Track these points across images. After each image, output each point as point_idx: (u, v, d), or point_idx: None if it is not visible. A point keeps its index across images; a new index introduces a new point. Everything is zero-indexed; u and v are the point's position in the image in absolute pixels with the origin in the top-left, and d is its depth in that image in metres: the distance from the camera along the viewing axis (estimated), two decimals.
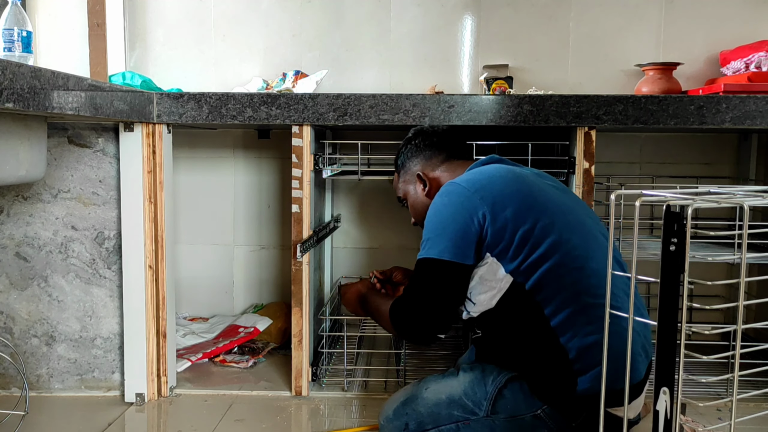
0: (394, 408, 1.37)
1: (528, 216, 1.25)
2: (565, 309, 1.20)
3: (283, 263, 2.27)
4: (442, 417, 1.30)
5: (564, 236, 1.25)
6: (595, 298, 1.21)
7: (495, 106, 1.63)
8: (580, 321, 1.20)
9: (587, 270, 1.23)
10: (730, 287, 2.16)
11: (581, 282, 1.22)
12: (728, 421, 0.83)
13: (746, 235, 0.79)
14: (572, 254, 1.23)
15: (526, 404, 1.24)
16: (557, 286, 1.22)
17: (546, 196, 1.31)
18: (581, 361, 1.19)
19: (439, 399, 1.32)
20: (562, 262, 1.23)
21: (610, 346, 1.06)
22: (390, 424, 1.36)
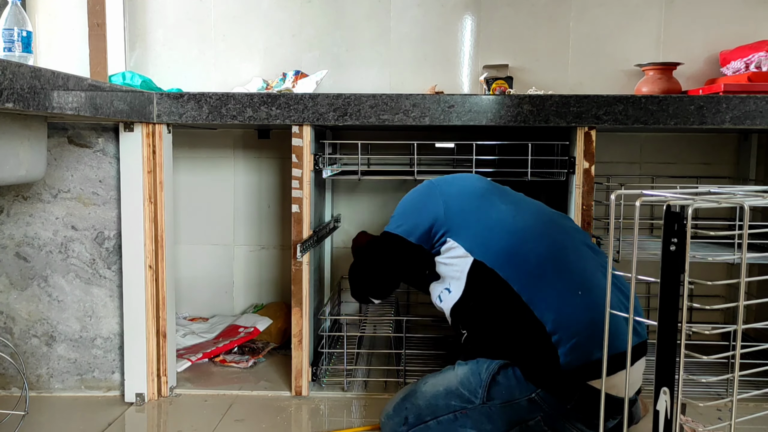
0: (394, 405, 1.41)
1: (481, 202, 1.41)
2: (532, 282, 1.27)
3: (283, 263, 2.27)
4: (440, 408, 1.34)
5: (519, 219, 1.38)
6: (561, 271, 1.28)
7: (495, 106, 1.63)
8: (551, 293, 1.26)
9: (549, 246, 1.32)
10: (730, 287, 2.16)
11: (543, 256, 1.30)
12: (728, 421, 0.83)
13: (746, 235, 0.79)
14: (529, 234, 1.35)
15: (519, 389, 1.27)
16: (518, 261, 1.30)
17: (504, 189, 1.49)
18: (559, 331, 1.23)
19: (437, 391, 1.36)
20: (521, 240, 1.33)
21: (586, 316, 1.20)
22: (390, 421, 1.40)
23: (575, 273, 1.29)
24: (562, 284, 1.27)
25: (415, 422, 1.36)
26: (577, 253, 1.33)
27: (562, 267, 1.29)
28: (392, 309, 2.05)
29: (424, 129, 1.91)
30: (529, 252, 1.31)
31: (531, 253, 1.31)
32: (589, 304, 1.24)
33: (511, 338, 1.29)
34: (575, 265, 1.30)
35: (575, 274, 1.29)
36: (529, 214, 1.40)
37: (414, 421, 1.36)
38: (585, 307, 1.24)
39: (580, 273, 1.29)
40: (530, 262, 1.29)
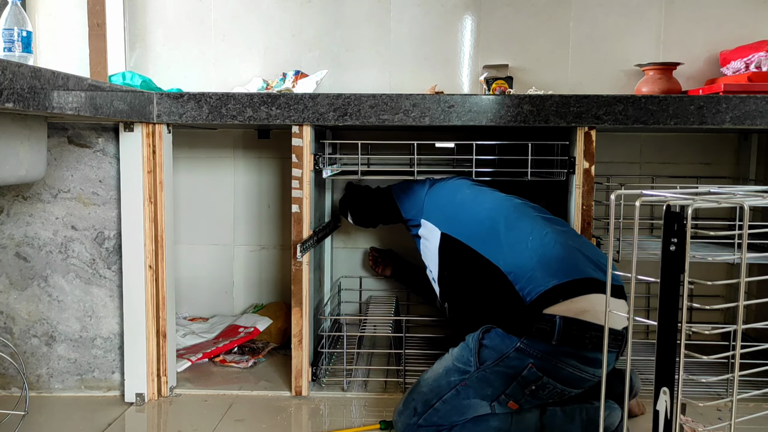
0: (403, 401, 1.46)
1: (451, 190, 1.68)
2: (488, 240, 1.47)
3: (283, 263, 2.27)
4: (442, 387, 1.40)
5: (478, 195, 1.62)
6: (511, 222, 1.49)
7: (495, 106, 1.63)
8: (504, 242, 1.45)
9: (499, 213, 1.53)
10: (730, 287, 2.17)
11: (496, 218, 1.52)
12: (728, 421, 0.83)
13: (746, 235, 0.79)
14: (485, 203, 1.58)
15: (504, 344, 1.35)
16: (475, 226, 1.53)
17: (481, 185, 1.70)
18: (515, 270, 1.39)
19: (437, 374, 1.43)
20: (477, 209, 1.57)
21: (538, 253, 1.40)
22: (401, 416, 1.43)
23: (525, 225, 1.48)
24: (513, 235, 1.46)
25: (423, 409, 1.40)
26: (528, 215, 1.52)
27: (512, 224, 1.49)
28: (392, 309, 2.05)
29: (424, 129, 1.91)
30: (484, 218, 1.53)
31: (485, 218, 1.53)
32: (539, 244, 1.42)
33: (480, 292, 1.46)
34: (525, 221, 1.50)
35: (525, 225, 1.48)
36: (490, 196, 1.62)
37: (422, 409, 1.40)
38: (534, 248, 1.41)
39: (530, 224, 1.48)
40: (484, 224, 1.52)
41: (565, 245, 1.41)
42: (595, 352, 1.30)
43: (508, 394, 1.36)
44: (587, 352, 1.30)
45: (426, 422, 1.38)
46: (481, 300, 1.47)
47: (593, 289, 1.33)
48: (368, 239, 2.27)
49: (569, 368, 1.31)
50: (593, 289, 1.33)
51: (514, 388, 1.35)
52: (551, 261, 1.37)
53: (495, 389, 1.36)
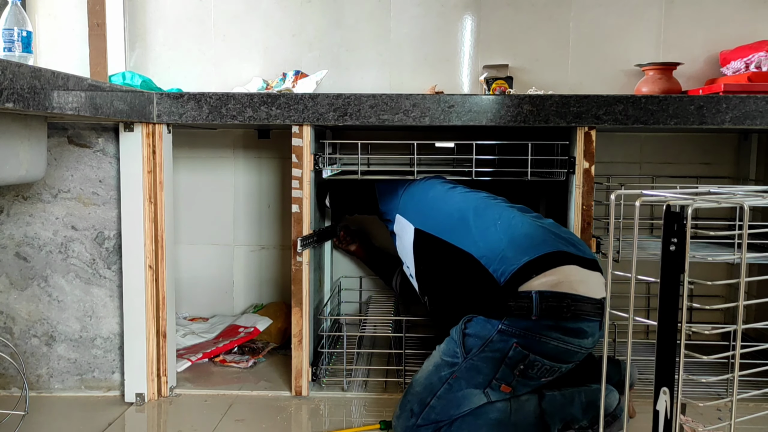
0: (400, 404, 1.46)
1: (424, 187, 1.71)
2: (454, 230, 1.51)
3: (283, 263, 2.27)
4: (434, 384, 1.41)
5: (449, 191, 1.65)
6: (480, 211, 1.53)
7: (495, 106, 1.63)
8: (470, 232, 1.48)
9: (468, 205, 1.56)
10: (730, 287, 2.16)
11: (464, 208, 1.56)
12: (728, 421, 0.83)
13: (746, 235, 0.79)
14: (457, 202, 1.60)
15: (486, 329, 1.36)
16: (444, 218, 1.56)
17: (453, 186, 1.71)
18: (486, 254, 1.42)
19: (428, 372, 1.44)
20: (447, 203, 1.61)
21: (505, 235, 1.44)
22: (399, 420, 1.44)
23: (493, 212, 1.52)
24: (482, 221, 1.50)
25: (420, 409, 1.40)
26: (496, 205, 1.56)
27: (481, 212, 1.53)
28: (392, 309, 2.05)
29: (424, 129, 1.91)
30: (454, 210, 1.57)
31: (455, 210, 1.57)
32: (506, 225, 1.46)
33: (456, 280, 1.48)
34: (493, 208, 1.54)
35: (493, 212, 1.52)
36: (460, 191, 1.65)
37: (419, 409, 1.40)
38: (503, 230, 1.45)
39: (497, 211, 1.53)
40: (454, 216, 1.55)
41: (532, 225, 1.46)
42: (576, 322, 1.32)
43: (498, 378, 1.37)
44: (567, 323, 1.32)
45: (424, 421, 1.39)
46: (458, 288, 1.50)
47: (564, 262, 1.37)
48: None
49: (553, 341, 1.33)
50: (564, 262, 1.37)
51: (504, 371, 1.36)
52: (520, 239, 1.41)
53: (485, 376, 1.37)
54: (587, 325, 1.34)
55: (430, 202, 1.66)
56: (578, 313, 1.32)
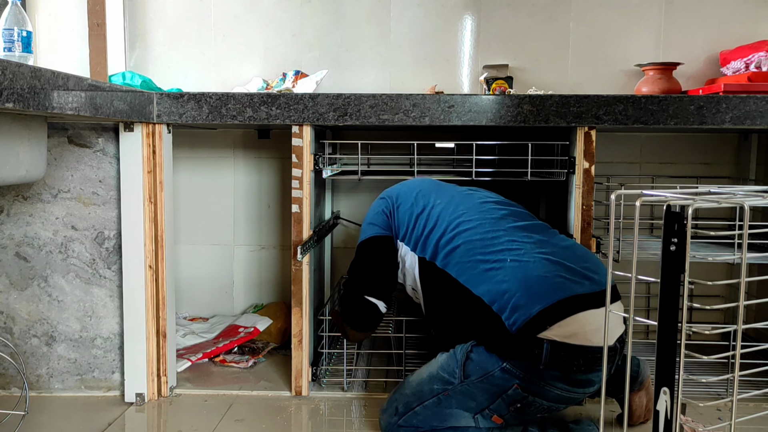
0: (388, 399, 1.48)
1: (419, 203, 1.54)
2: (465, 264, 1.39)
3: (283, 263, 2.27)
4: (424, 393, 1.40)
5: (451, 210, 1.49)
6: (490, 247, 1.40)
7: (495, 106, 1.63)
8: (482, 268, 1.37)
9: (478, 230, 1.43)
10: (730, 287, 2.16)
11: (472, 240, 1.42)
12: (728, 421, 0.83)
13: (746, 235, 0.79)
14: (459, 221, 1.46)
15: (490, 361, 1.33)
16: (451, 250, 1.42)
17: (446, 188, 1.59)
18: (497, 302, 1.32)
19: (421, 378, 1.43)
20: (450, 229, 1.45)
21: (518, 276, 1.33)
22: (384, 414, 1.46)
23: (501, 242, 1.40)
24: (491, 258, 1.38)
25: (404, 411, 1.41)
26: (507, 230, 1.44)
27: (488, 243, 1.41)
28: (392, 309, 2.05)
29: (424, 129, 1.91)
30: (459, 240, 1.43)
31: (460, 240, 1.43)
32: (517, 266, 1.35)
33: (465, 322, 1.40)
34: (501, 237, 1.42)
35: (501, 242, 1.40)
36: (463, 204, 1.52)
37: (403, 410, 1.42)
38: (513, 272, 1.34)
39: (506, 240, 1.41)
40: (460, 249, 1.42)
41: (543, 263, 1.34)
42: (586, 374, 1.27)
43: (492, 409, 1.35)
44: (577, 375, 1.27)
45: (406, 423, 1.40)
46: (466, 325, 1.40)
47: (580, 308, 1.28)
48: None
49: (557, 390, 1.29)
50: (580, 308, 1.28)
51: (499, 404, 1.34)
52: (532, 283, 1.30)
53: (478, 403, 1.35)
54: (596, 375, 1.30)
55: (424, 221, 1.51)
56: (590, 365, 1.27)
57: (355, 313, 1.58)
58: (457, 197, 1.54)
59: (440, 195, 1.56)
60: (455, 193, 1.57)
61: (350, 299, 1.59)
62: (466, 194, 1.56)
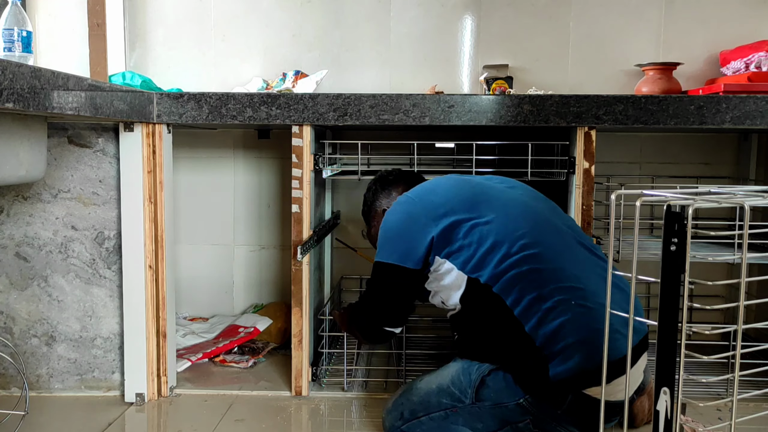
0: (393, 400, 1.45)
1: (470, 214, 1.35)
2: (525, 298, 1.25)
3: (283, 263, 2.27)
4: (432, 405, 1.37)
5: (509, 228, 1.32)
6: (552, 282, 1.25)
7: (495, 106, 1.63)
8: (543, 307, 1.24)
9: (540, 257, 1.28)
10: (730, 287, 2.16)
11: (537, 271, 1.27)
12: (728, 421, 0.83)
13: (746, 235, 0.79)
14: (522, 244, 1.30)
15: (507, 393, 1.29)
16: (512, 276, 1.27)
17: (491, 193, 1.41)
18: (548, 346, 1.22)
19: (430, 388, 1.39)
20: (512, 253, 1.29)
21: (580, 325, 1.18)
22: (389, 415, 1.44)
23: (569, 282, 1.25)
24: (555, 298, 1.24)
25: (409, 417, 1.40)
26: (572, 259, 1.30)
27: (555, 278, 1.26)
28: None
29: (424, 129, 1.91)
30: (521, 265, 1.27)
31: (525, 267, 1.27)
32: (581, 314, 1.21)
33: (500, 349, 1.31)
34: (569, 272, 1.27)
35: (569, 283, 1.25)
36: (522, 219, 1.35)
37: (408, 417, 1.40)
38: (576, 319, 1.21)
39: (574, 281, 1.26)
40: (524, 278, 1.26)
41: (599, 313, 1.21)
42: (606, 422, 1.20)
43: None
44: (592, 423, 1.22)
45: (409, 430, 1.39)
46: (501, 353, 1.32)
47: (622, 371, 1.20)
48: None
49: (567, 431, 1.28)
50: (622, 371, 1.20)
51: (507, 431, 1.32)
52: (592, 337, 1.18)
53: (486, 426, 1.33)
54: (609, 424, 1.28)
55: (483, 240, 1.31)
56: (608, 417, 1.24)
57: (371, 337, 1.52)
58: (510, 207, 1.38)
59: (490, 204, 1.38)
60: (506, 200, 1.40)
61: (368, 326, 1.49)
62: (517, 203, 1.40)
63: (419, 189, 1.48)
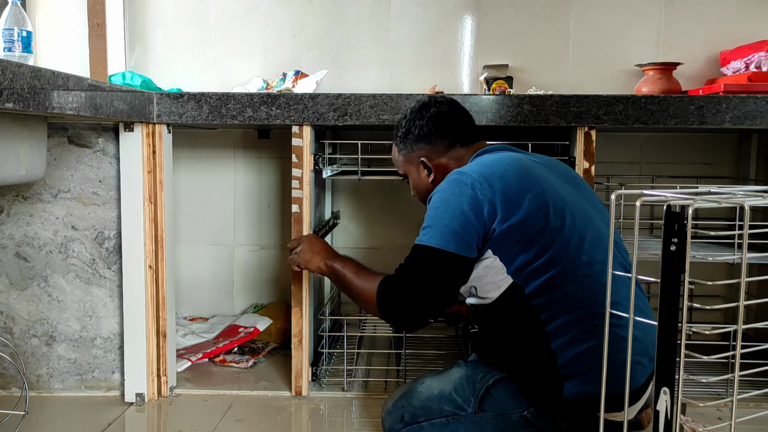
0: (393, 401, 1.42)
1: (536, 219, 1.21)
2: (562, 316, 1.19)
3: (283, 263, 2.27)
4: (433, 411, 1.34)
5: (572, 242, 1.22)
6: (595, 307, 1.19)
7: (495, 106, 1.63)
8: (577, 329, 1.19)
9: (591, 279, 1.21)
10: (730, 287, 2.16)
11: (583, 291, 1.20)
12: (728, 421, 0.83)
13: (746, 235, 0.79)
14: (577, 263, 1.21)
15: (512, 404, 1.26)
16: (558, 294, 1.20)
17: (557, 194, 1.26)
18: (570, 366, 1.18)
19: (432, 393, 1.36)
20: (566, 270, 1.20)
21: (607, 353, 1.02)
22: (389, 416, 1.41)
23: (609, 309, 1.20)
24: (592, 323, 1.17)
25: (410, 421, 1.37)
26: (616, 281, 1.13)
27: (598, 302, 1.18)
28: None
29: None
30: (570, 286, 1.20)
31: (570, 287, 1.20)
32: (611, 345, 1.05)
33: (518, 355, 1.26)
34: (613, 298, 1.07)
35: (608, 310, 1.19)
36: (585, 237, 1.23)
37: (409, 420, 1.37)
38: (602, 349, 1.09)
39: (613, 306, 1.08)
40: (569, 300, 1.19)
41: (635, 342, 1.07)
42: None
43: None
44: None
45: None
46: (517, 361, 1.26)
47: (638, 396, 1.19)
48: (369, 239, 2.27)
49: None
50: (638, 396, 1.19)
51: None
52: (617, 367, 1.04)
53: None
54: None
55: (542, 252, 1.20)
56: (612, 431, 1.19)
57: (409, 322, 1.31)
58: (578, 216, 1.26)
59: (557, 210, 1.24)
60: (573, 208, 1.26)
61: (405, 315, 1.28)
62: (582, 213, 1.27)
63: (483, 171, 1.27)
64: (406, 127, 1.42)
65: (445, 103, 1.42)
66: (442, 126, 1.40)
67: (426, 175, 1.42)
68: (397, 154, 1.48)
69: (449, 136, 1.40)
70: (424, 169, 1.42)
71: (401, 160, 1.47)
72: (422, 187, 1.44)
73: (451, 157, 1.40)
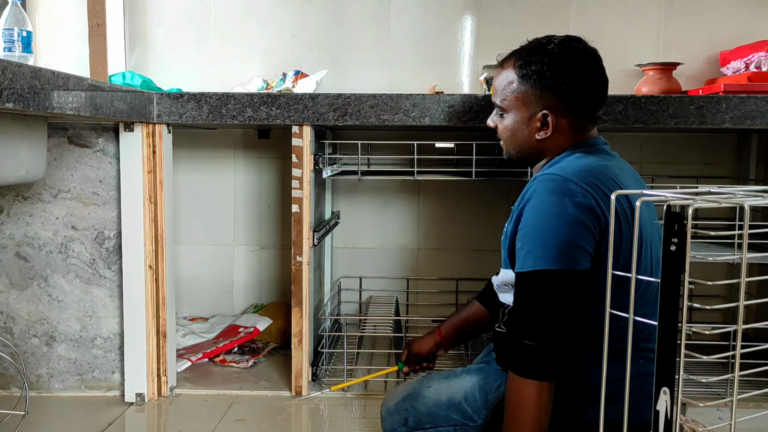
0: (396, 401, 1.36)
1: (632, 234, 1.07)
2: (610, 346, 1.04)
3: (283, 263, 2.27)
4: (440, 418, 1.28)
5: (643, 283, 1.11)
6: (643, 342, 1.13)
7: None
8: (616, 358, 1.02)
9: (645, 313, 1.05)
10: (730, 287, 2.16)
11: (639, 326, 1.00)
12: (728, 421, 0.83)
13: (746, 235, 0.79)
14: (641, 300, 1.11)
15: None
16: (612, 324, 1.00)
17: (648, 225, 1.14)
18: (596, 393, 1.02)
19: (439, 400, 1.30)
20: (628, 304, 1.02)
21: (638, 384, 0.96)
22: (391, 417, 1.35)
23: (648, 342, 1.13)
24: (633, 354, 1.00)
25: (414, 426, 1.31)
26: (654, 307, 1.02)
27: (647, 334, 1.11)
28: (392, 309, 2.05)
29: (424, 129, 1.91)
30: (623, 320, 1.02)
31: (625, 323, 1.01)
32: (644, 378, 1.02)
33: None
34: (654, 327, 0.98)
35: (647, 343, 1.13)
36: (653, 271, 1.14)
37: (413, 425, 1.32)
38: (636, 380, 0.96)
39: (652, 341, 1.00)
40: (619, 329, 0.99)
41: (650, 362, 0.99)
42: None
43: None
44: None
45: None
46: None
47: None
48: (369, 239, 2.27)
49: None
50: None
51: None
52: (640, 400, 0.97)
53: None
54: None
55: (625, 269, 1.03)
56: None
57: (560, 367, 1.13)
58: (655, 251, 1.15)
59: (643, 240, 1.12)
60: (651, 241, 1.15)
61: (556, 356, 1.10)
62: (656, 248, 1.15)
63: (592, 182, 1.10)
64: (550, 69, 1.20)
65: (589, 57, 1.24)
66: (593, 90, 1.23)
67: (536, 128, 1.21)
68: (509, 83, 1.25)
69: (579, 102, 1.22)
70: (537, 122, 1.21)
71: (513, 94, 1.24)
72: (521, 137, 1.24)
73: (570, 125, 1.21)
